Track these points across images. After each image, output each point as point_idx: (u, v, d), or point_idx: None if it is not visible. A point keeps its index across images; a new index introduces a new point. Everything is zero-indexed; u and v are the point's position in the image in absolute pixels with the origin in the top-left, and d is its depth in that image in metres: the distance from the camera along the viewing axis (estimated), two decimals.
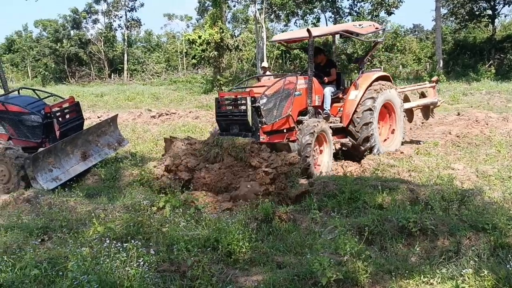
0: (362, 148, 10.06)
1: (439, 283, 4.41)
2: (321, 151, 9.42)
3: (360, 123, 9.98)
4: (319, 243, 5.23)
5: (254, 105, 8.72)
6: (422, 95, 13.10)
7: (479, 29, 45.33)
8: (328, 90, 10.23)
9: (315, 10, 42.65)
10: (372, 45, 12.07)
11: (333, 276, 4.28)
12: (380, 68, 10.90)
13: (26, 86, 31.11)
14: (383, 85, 10.55)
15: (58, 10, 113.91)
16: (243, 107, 8.86)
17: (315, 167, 8.99)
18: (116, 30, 57.44)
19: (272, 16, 45.95)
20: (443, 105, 17.30)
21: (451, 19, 46.08)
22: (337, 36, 13.41)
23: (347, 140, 10.23)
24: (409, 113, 12.41)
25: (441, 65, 32.63)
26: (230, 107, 9.21)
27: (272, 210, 6.26)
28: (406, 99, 12.36)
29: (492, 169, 8.60)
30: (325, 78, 10.42)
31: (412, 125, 14.74)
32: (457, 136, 12.36)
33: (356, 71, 26.19)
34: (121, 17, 56.15)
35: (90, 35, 55.64)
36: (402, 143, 11.44)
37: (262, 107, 8.75)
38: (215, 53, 31.17)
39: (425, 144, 11.58)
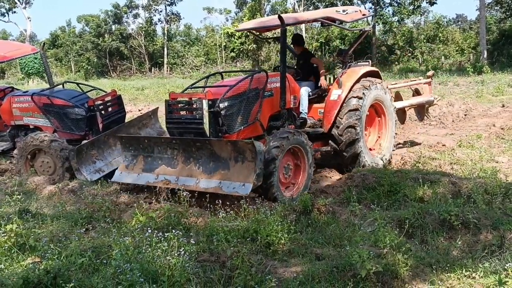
0: (346, 155, 8.44)
1: (482, 277, 4.33)
2: (296, 172, 7.52)
3: (344, 126, 8.35)
4: (358, 236, 5.20)
5: (212, 109, 7.14)
6: (417, 93, 11.48)
7: None
8: (305, 90, 8.57)
9: (355, 1, 42.15)
10: (359, 35, 9.79)
11: (373, 268, 4.25)
12: (368, 62, 8.94)
13: (70, 80, 31.95)
14: (371, 81, 8.86)
15: (100, 5, 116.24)
16: (199, 112, 7.10)
17: (288, 186, 7.41)
18: (156, 24, 58.29)
19: (311, 8, 45.66)
20: (487, 96, 16.91)
21: (496, 8, 44.75)
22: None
23: (328, 148, 8.69)
24: (401, 113, 11.07)
25: (485, 55, 31.79)
26: (184, 112, 7.49)
27: (311, 202, 6.26)
28: (398, 97, 11.03)
29: None
30: (323, 71, 9.10)
31: (454, 117, 14.43)
32: (502, 129, 12.04)
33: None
34: (161, 11, 56.93)
35: (131, 30, 56.64)
36: (394, 149, 9.85)
37: (222, 112, 7.20)
38: (254, 46, 31.24)
39: (467, 136, 11.29)
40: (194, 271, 4.39)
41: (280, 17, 7.81)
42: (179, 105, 7.50)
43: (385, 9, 41.51)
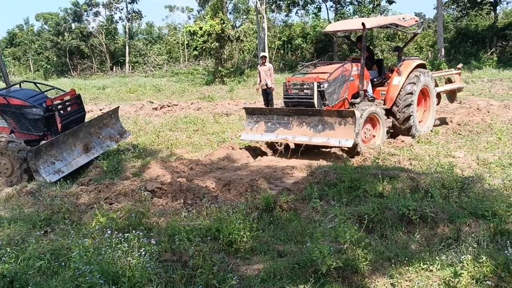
0: (403, 127, 11.03)
1: (439, 269, 4.45)
2: (373, 136, 10.37)
3: (402, 105, 10.93)
4: (319, 232, 5.26)
5: (319, 89, 9.90)
6: (449, 81, 13.99)
7: (481, 16, 45.06)
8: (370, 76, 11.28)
9: (316, 0, 42.50)
10: (411, 36, 13.53)
11: (333, 264, 4.32)
12: (418, 56, 12.40)
13: (28, 79, 31.19)
14: (421, 71, 11.56)
15: (60, 3, 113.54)
16: (310, 91, 9.97)
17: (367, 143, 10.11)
18: (117, 22, 57.30)
19: (273, 6, 45.82)
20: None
21: (452, 7, 45.83)
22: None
23: (389, 121, 11.24)
24: (437, 97, 13.18)
25: (442, 53, 32.51)
26: (297, 91, 10.31)
27: (273, 199, 6.30)
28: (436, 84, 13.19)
29: (492, 157, 8.61)
30: (374, 65, 11.76)
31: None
32: (458, 124, 12.35)
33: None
34: (122, 9, 56.01)
35: (91, 28, 55.55)
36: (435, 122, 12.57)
37: (325, 90, 9.89)
38: (216, 44, 31.08)
39: (425, 132, 11.56)
40: (155, 272, 4.37)
41: (363, 24, 10.36)
42: (293, 86, 10.36)
43: (346, 7, 42.00)
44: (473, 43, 40.95)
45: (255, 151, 10.62)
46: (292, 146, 10.32)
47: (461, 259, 4.41)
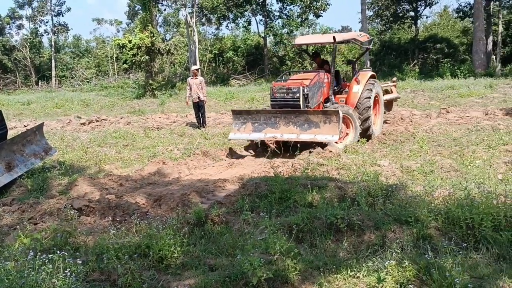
0: (363, 127, 12.12)
1: (365, 276, 4.58)
2: (347, 134, 11.73)
3: (362, 107, 12.26)
4: (250, 244, 5.28)
5: (303, 93, 11.25)
6: (386, 92, 15.23)
7: (403, 30, 47.22)
8: None
9: (246, 13, 42.97)
10: (363, 51, 15.62)
11: (263, 275, 4.35)
12: (370, 68, 15.62)
13: None
14: (374, 81, 13.19)
15: None
16: (297, 95, 11.26)
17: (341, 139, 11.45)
18: (43, 35, 55.56)
19: (203, 20, 45.94)
20: None
21: (376, 20, 47.76)
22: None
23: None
24: (390, 104, 15.42)
25: (368, 65, 33.71)
26: (283, 94, 11.57)
27: (204, 213, 6.28)
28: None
29: (415, 164, 8.99)
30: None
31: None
32: (383, 134, 12.83)
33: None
34: (47, 22, 54.43)
35: (14, 41, 53.52)
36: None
37: (308, 94, 11.28)
38: (146, 57, 30.71)
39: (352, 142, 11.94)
40: None
41: (334, 37, 12.14)
42: (281, 90, 11.59)
43: (275, 21, 42.70)
44: (396, 55, 42.82)
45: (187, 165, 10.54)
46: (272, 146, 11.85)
47: (385, 265, 4.57)
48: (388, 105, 15.29)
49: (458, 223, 5.46)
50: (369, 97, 12.47)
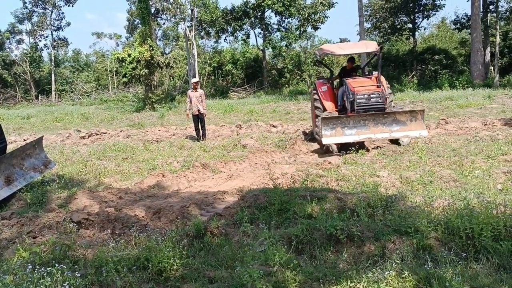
0: None
1: (365, 287, 4.56)
2: None
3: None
4: (249, 256, 5.27)
5: (385, 96, 12.91)
6: None
7: (401, 41, 47.42)
8: None
9: (244, 26, 43.21)
10: (371, 57, 17.43)
11: (263, 287, 4.34)
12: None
13: None
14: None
15: None
16: (381, 99, 12.75)
17: None
18: (42, 50, 55.77)
19: (202, 33, 46.15)
20: None
21: (374, 32, 47.96)
22: None
23: None
24: None
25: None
26: (365, 100, 12.73)
27: (203, 225, 6.27)
28: None
29: (414, 175, 8.98)
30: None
31: None
32: (379, 146, 12.82)
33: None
34: (47, 36, 54.68)
35: (14, 56, 53.73)
36: None
37: (386, 98, 12.99)
38: (146, 71, 30.84)
39: (351, 153, 11.95)
40: None
41: (381, 47, 13.46)
42: (364, 95, 12.69)
43: (274, 34, 42.92)
44: (395, 67, 42.94)
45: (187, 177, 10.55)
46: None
47: (385, 276, 4.56)
48: None
49: (458, 233, 5.46)
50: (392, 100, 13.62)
